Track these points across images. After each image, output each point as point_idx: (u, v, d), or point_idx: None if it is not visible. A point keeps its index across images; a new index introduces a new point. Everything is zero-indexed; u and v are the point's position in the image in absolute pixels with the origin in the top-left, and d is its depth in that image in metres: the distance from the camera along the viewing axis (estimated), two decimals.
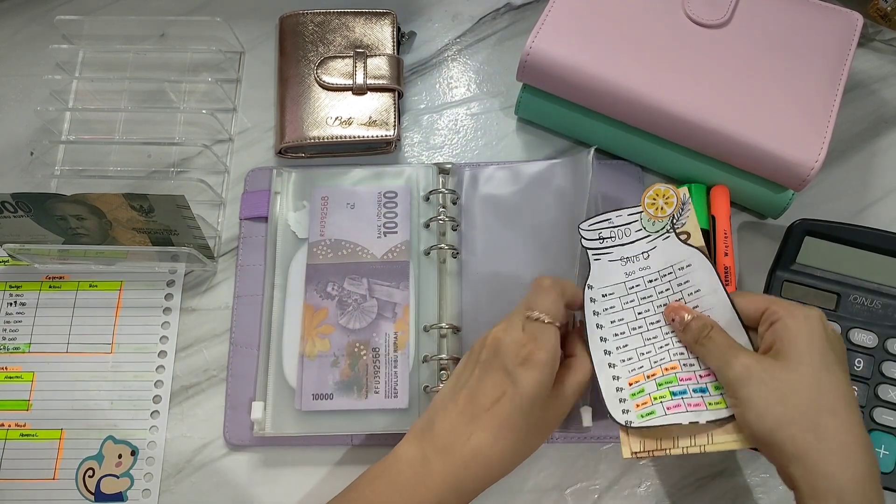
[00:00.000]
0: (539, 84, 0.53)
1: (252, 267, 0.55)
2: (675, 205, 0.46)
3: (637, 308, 0.46)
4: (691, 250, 0.45)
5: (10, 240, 0.51)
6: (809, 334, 0.40)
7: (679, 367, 0.43)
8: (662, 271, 0.46)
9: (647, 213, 0.46)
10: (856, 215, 0.56)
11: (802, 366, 0.39)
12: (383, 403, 0.49)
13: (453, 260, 0.53)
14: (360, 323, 0.51)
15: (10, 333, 0.54)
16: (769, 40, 0.52)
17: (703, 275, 0.45)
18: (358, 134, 0.56)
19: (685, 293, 0.45)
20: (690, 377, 0.43)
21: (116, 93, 0.61)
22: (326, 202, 0.55)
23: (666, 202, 0.46)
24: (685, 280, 0.45)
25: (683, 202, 0.46)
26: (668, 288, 0.45)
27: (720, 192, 0.53)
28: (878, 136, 0.58)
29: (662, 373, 0.44)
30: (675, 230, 0.46)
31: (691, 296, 0.45)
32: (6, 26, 0.63)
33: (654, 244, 0.46)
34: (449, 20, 0.63)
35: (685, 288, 0.45)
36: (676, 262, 0.46)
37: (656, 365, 0.44)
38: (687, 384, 0.43)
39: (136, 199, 0.47)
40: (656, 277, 0.46)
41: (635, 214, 0.47)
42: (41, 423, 0.51)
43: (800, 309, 0.41)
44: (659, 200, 0.46)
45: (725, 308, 0.43)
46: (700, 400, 0.42)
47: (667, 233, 0.46)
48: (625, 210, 0.47)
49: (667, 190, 0.46)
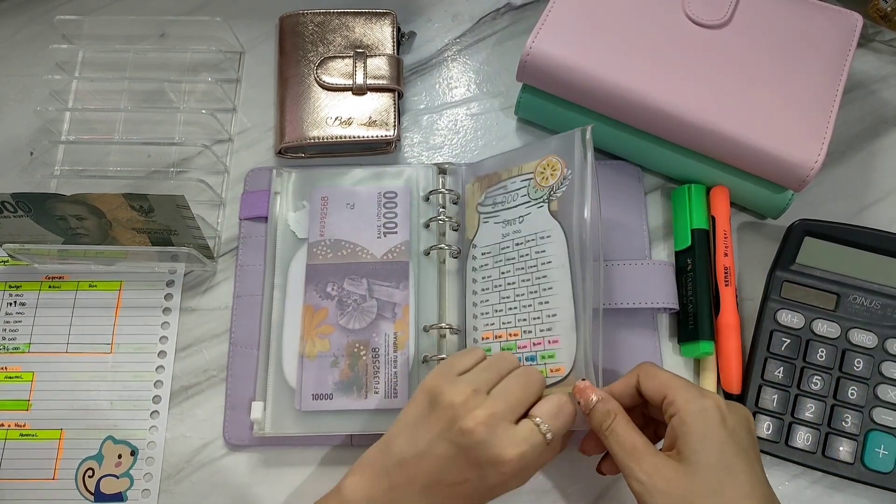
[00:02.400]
0: (539, 84, 0.53)
1: (252, 267, 0.55)
2: (557, 177, 0.48)
3: (502, 268, 0.49)
4: (554, 223, 0.48)
5: (10, 240, 0.51)
6: (705, 432, 0.37)
7: (520, 335, 0.47)
8: (528, 237, 0.49)
9: (535, 180, 0.49)
10: (856, 215, 0.56)
11: (700, 471, 0.36)
12: (383, 403, 0.49)
13: (453, 260, 0.53)
14: (359, 323, 0.51)
15: (10, 333, 0.54)
16: (769, 40, 0.52)
17: (557, 248, 0.47)
18: (358, 134, 0.56)
19: (539, 262, 0.48)
20: (526, 345, 0.47)
21: (116, 93, 0.61)
22: (326, 202, 0.55)
23: (552, 174, 0.49)
24: (542, 249, 0.48)
25: (565, 177, 0.48)
26: (527, 253, 0.48)
27: (720, 193, 0.53)
28: (878, 137, 0.58)
29: (507, 337, 0.48)
30: (549, 201, 0.48)
31: (543, 265, 0.47)
32: (6, 26, 0.63)
33: (530, 210, 0.49)
34: (449, 20, 0.63)
35: (540, 257, 0.48)
36: (540, 231, 0.48)
37: (504, 327, 0.48)
38: (522, 352, 0.47)
39: (135, 199, 0.47)
40: (522, 242, 0.49)
41: (526, 181, 0.50)
42: (41, 423, 0.51)
43: (695, 401, 0.38)
44: (547, 171, 0.49)
45: (566, 286, 0.46)
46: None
47: (542, 202, 0.49)
48: (519, 177, 0.50)
49: (556, 162, 0.49)
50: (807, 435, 0.48)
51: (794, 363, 0.50)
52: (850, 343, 0.50)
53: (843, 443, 0.48)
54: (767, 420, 0.49)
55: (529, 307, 0.48)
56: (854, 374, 0.49)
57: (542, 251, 0.48)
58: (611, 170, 0.57)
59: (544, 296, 0.47)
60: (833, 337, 0.50)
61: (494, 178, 0.53)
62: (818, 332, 0.50)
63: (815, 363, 0.49)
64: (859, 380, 0.49)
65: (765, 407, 0.49)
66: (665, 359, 0.52)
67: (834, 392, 0.49)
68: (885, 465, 0.47)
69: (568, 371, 0.45)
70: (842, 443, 0.48)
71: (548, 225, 0.48)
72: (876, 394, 0.49)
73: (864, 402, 0.49)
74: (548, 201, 0.48)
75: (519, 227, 0.49)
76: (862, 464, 0.47)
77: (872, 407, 0.48)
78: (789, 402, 0.49)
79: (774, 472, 0.50)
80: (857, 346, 0.50)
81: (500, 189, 0.52)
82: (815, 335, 0.50)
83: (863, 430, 0.48)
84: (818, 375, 0.49)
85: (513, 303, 0.48)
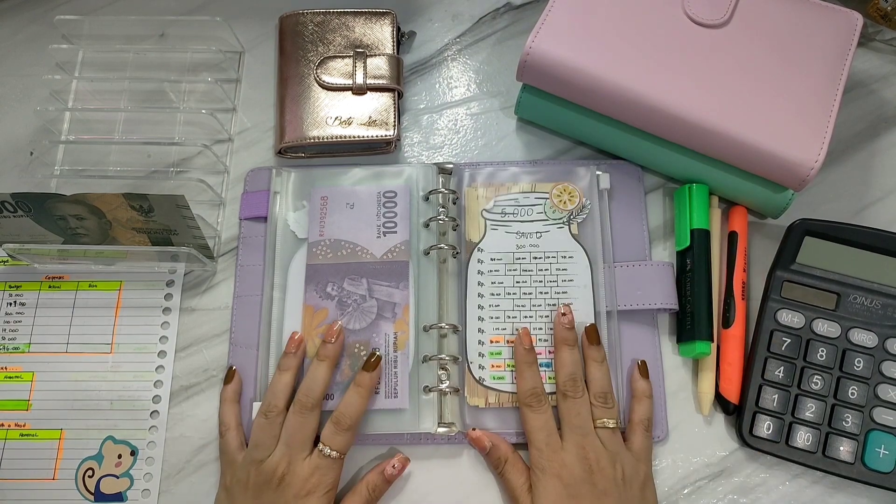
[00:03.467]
0: (539, 84, 0.53)
1: (252, 267, 0.55)
2: (576, 203, 0.54)
3: (517, 277, 0.52)
4: (577, 245, 0.53)
5: (10, 240, 0.51)
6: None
7: (535, 342, 0.51)
8: (548, 253, 0.53)
9: (552, 201, 0.54)
10: (856, 215, 0.56)
11: None
12: (383, 403, 0.49)
13: (453, 260, 0.53)
14: (359, 323, 0.51)
15: (10, 333, 0.54)
16: (769, 40, 0.52)
17: (580, 269, 0.52)
18: (358, 134, 0.56)
19: (560, 278, 0.52)
20: (542, 352, 0.51)
21: (116, 93, 0.61)
22: (326, 202, 0.55)
23: (570, 199, 0.54)
24: (564, 268, 0.52)
25: (584, 205, 0.54)
26: (547, 269, 0.52)
27: (740, 211, 0.54)
28: (878, 136, 0.58)
29: None
30: (569, 224, 0.53)
31: (564, 282, 0.52)
32: (6, 26, 0.64)
33: (549, 229, 0.53)
34: (449, 20, 0.63)
35: (561, 274, 0.52)
36: (562, 251, 0.53)
37: (516, 333, 0.50)
38: (539, 359, 0.50)
39: (135, 199, 0.47)
40: (541, 256, 0.53)
41: (541, 200, 0.54)
42: (41, 423, 0.51)
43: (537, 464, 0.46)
44: (564, 195, 0.54)
45: (588, 303, 0.51)
46: (543, 374, 0.50)
47: (563, 224, 0.53)
48: (532, 194, 0.54)
49: (574, 190, 0.54)
50: (807, 435, 0.48)
51: (794, 363, 0.50)
52: (851, 343, 0.50)
53: (843, 443, 0.48)
54: (768, 420, 0.49)
55: (547, 318, 0.51)
56: (854, 373, 0.49)
57: (563, 269, 0.52)
58: (611, 170, 0.56)
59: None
60: (833, 336, 0.50)
61: (503, 189, 0.55)
62: (818, 331, 0.50)
63: (816, 363, 0.49)
64: (859, 379, 0.49)
65: (765, 407, 0.49)
66: (664, 359, 0.52)
67: (834, 392, 0.49)
68: (886, 465, 0.47)
69: None
70: (842, 443, 0.48)
71: (570, 246, 0.53)
72: (876, 393, 0.49)
73: (865, 402, 0.48)
74: (568, 224, 0.53)
75: (537, 242, 0.53)
76: (862, 464, 0.47)
77: (873, 407, 0.48)
78: (789, 401, 0.49)
79: (775, 472, 0.50)
80: (858, 346, 0.50)
81: (511, 201, 0.54)
82: (815, 335, 0.50)
83: (863, 429, 0.48)
84: (818, 375, 0.49)
85: (528, 311, 0.51)
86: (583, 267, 0.52)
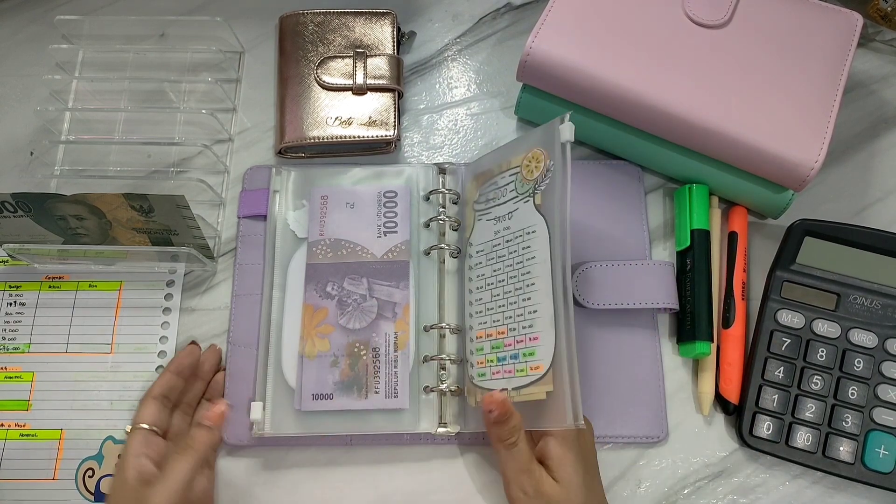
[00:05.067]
0: (539, 84, 0.53)
1: (251, 266, 0.55)
2: (541, 169, 0.47)
3: (494, 265, 0.49)
4: (539, 217, 0.47)
5: (10, 240, 0.51)
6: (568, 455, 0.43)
7: (506, 333, 0.47)
8: (517, 232, 0.48)
9: (521, 174, 0.48)
10: (856, 215, 0.56)
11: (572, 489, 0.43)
12: (383, 403, 0.49)
13: (453, 260, 0.53)
14: (360, 323, 0.51)
15: (10, 333, 0.54)
16: (769, 40, 0.52)
17: (540, 243, 0.46)
18: (358, 134, 0.56)
19: (525, 258, 0.47)
20: (511, 343, 0.47)
21: (116, 93, 0.61)
22: (326, 201, 0.55)
23: (536, 166, 0.48)
24: (528, 245, 0.47)
25: (548, 169, 0.47)
26: (515, 250, 0.48)
27: (740, 211, 0.54)
28: (878, 137, 0.58)
29: (497, 335, 0.48)
30: (534, 195, 0.48)
31: (529, 261, 0.47)
32: (6, 26, 0.63)
33: (518, 206, 0.49)
34: (449, 20, 0.63)
35: (526, 253, 0.47)
36: (527, 227, 0.48)
37: (495, 325, 0.48)
38: (507, 350, 0.47)
39: (135, 199, 0.47)
40: (511, 238, 0.48)
41: (514, 175, 0.49)
42: (41, 423, 0.51)
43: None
44: (532, 163, 0.48)
45: (546, 281, 0.45)
46: (512, 367, 0.46)
47: (528, 196, 0.48)
48: (508, 171, 0.50)
49: (540, 154, 0.48)
50: (807, 435, 0.48)
51: (794, 363, 0.50)
52: (851, 343, 0.50)
53: (843, 443, 0.48)
54: (768, 420, 0.49)
55: (514, 304, 0.47)
56: (854, 374, 0.49)
57: (527, 247, 0.47)
58: (611, 170, 0.57)
59: (527, 292, 0.47)
60: (833, 337, 0.50)
61: (487, 175, 0.53)
62: (818, 331, 0.50)
63: (816, 363, 0.49)
64: (859, 380, 0.49)
65: (765, 407, 0.49)
66: (664, 359, 0.52)
67: (834, 392, 0.49)
68: (886, 466, 0.47)
69: (547, 368, 0.44)
70: (842, 443, 0.48)
71: (533, 219, 0.48)
72: (876, 394, 0.49)
73: (865, 402, 0.49)
74: (533, 195, 0.48)
75: (508, 224, 0.49)
76: (862, 464, 0.47)
77: (873, 407, 0.48)
78: (789, 402, 0.49)
79: (775, 472, 0.50)
80: (858, 346, 0.50)
81: (492, 185, 0.52)
82: (815, 335, 0.50)
83: (863, 430, 0.48)
84: (818, 375, 0.49)
85: (502, 300, 0.48)
86: (542, 240, 0.46)
